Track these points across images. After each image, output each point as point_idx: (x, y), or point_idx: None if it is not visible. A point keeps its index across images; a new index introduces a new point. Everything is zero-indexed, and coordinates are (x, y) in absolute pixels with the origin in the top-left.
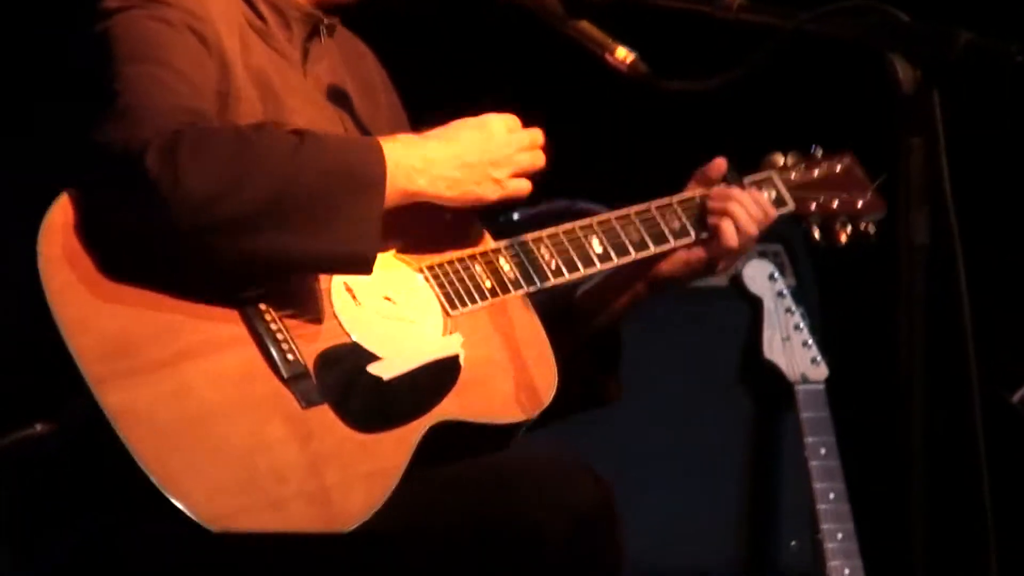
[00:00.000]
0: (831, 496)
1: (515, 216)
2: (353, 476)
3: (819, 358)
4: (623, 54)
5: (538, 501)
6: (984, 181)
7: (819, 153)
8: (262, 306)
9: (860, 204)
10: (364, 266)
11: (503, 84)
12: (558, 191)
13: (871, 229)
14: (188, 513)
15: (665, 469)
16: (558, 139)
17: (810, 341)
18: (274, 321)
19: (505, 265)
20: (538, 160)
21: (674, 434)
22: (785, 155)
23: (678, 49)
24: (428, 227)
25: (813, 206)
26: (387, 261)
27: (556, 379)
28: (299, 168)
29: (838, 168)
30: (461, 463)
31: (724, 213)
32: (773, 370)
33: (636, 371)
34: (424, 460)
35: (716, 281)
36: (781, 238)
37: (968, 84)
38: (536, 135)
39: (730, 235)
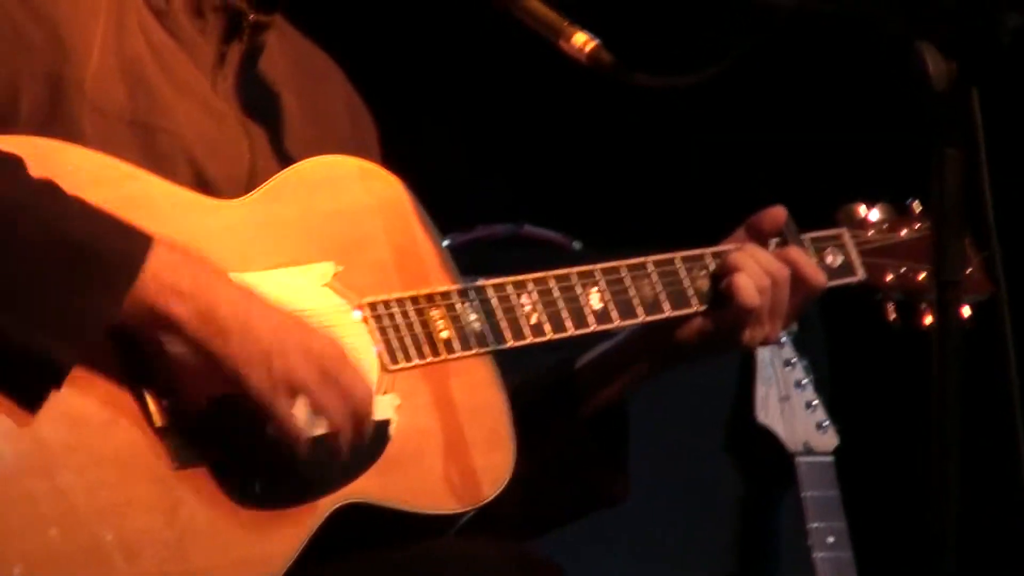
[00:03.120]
0: None
1: (445, 242)
2: (223, 562)
3: (827, 423)
4: (582, 40)
5: None
6: None
7: (916, 208)
8: None
9: None
10: (48, 376)
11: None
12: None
13: (965, 312)
14: None
15: (635, 555)
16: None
17: (815, 402)
18: None
19: (471, 313)
20: (342, 441)
21: (647, 514)
22: (869, 206)
23: (652, 34)
24: (376, 248)
25: (890, 277)
26: (316, 290)
27: (511, 467)
28: (24, 220)
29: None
30: (378, 551)
31: (733, 267)
32: (768, 437)
33: None
34: (323, 549)
35: None
36: None
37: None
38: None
39: (748, 293)
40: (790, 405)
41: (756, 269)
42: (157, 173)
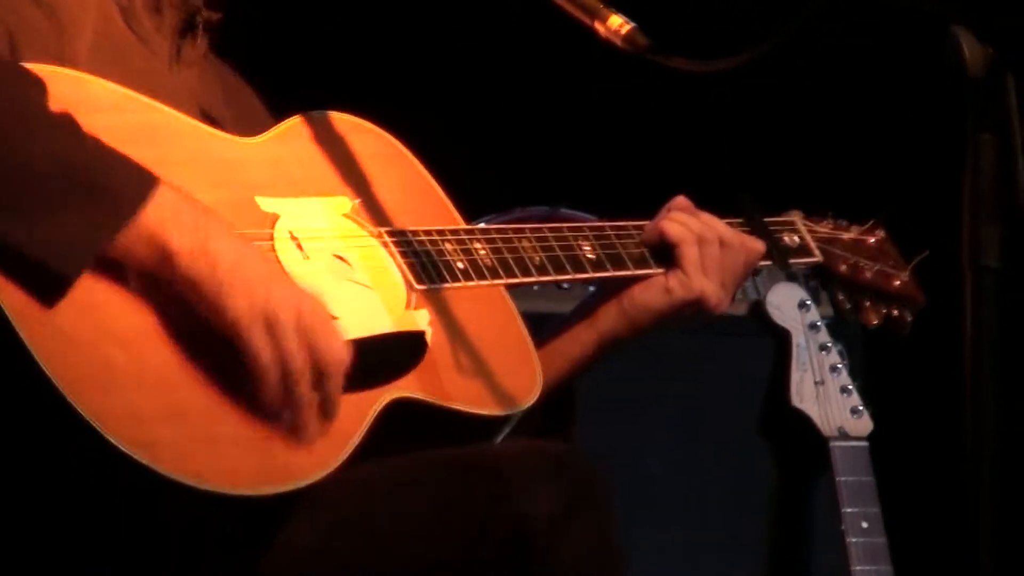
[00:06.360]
0: None
1: (481, 224)
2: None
3: (861, 408)
4: (617, 23)
5: (521, 487)
6: None
7: (845, 222)
8: None
9: (897, 284)
10: (54, 283)
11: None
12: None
13: (907, 317)
14: (99, 427)
15: (669, 540)
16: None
17: (850, 386)
18: None
19: (481, 250)
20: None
21: (680, 499)
22: (808, 216)
23: (689, 18)
24: (386, 189)
25: (844, 267)
26: (336, 218)
27: (539, 385)
28: (42, 135)
29: (871, 240)
30: (427, 450)
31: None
32: (802, 422)
33: (632, 421)
34: (384, 444)
35: (733, 309)
36: None
37: None
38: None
39: (673, 229)
40: (825, 390)
41: (679, 226)
42: None
